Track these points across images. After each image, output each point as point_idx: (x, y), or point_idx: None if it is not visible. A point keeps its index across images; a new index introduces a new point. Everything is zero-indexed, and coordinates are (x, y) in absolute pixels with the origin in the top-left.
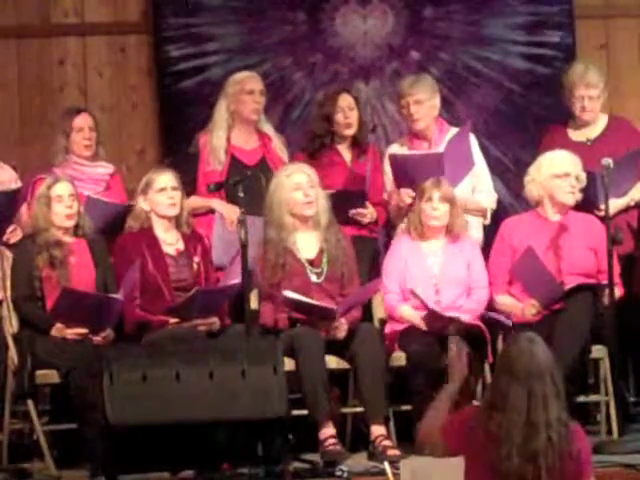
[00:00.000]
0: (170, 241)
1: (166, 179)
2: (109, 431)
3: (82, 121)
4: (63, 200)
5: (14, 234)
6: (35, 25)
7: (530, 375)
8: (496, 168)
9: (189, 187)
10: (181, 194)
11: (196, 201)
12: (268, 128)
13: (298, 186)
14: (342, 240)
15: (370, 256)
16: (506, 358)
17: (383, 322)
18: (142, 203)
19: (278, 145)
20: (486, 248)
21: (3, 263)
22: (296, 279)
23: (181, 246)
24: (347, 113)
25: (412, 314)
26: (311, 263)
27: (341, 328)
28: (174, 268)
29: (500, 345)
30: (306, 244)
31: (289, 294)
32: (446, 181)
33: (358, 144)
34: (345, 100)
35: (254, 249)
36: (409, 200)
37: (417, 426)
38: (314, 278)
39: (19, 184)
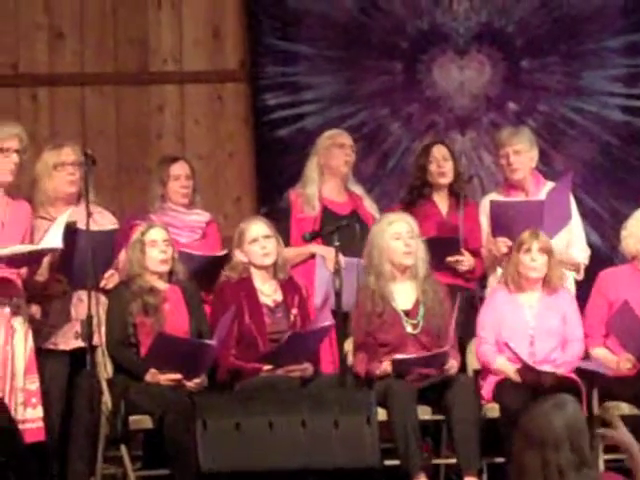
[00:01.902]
0: (268, 292)
1: (257, 229)
2: (201, 478)
3: (179, 169)
4: (157, 245)
5: (112, 279)
6: (134, 73)
7: (544, 443)
8: (592, 220)
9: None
10: (275, 241)
11: (293, 250)
12: (357, 189)
13: (398, 235)
14: (439, 292)
15: (466, 306)
16: (523, 423)
17: (477, 373)
18: (239, 255)
19: (369, 203)
20: (579, 302)
21: (98, 309)
22: (392, 329)
23: (279, 297)
24: (441, 163)
25: (507, 366)
26: (407, 314)
27: (453, 368)
28: (271, 319)
29: (596, 397)
30: (403, 294)
31: (400, 357)
32: (543, 233)
33: (455, 195)
34: (439, 151)
35: (350, 288)
36: (505, 250)
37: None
38: (410, 329)
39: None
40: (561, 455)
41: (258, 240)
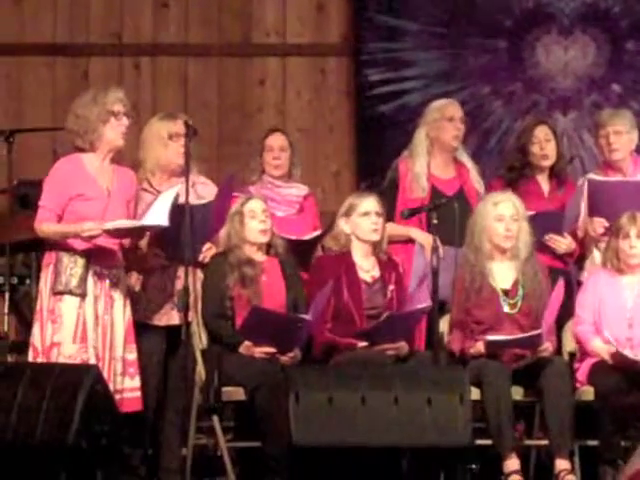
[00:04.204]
0: (366, 267)
1: (371, 204)
2: (293, 451)
3: (273, 140)
4: (256, 216)
5: (209, 252)
6: (237, 44)
7: None
8: None
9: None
10: (383, 220)
11: (395, 229)
12: (466, 158)
13: (502, 217)
14: (539, 273)
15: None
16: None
17: (572, 355)
18: (343, 225)
19: (475, 177)
20: None
21: (195, 283)
22: (488, 307)
23: (377, 273)
24: (543, 144)
25: (603, 348)
26: (506, 293)
27: (547, 350)
28: (368, 295)
29: None
30: (502, 273)
31: (492, 338)
32: None
33: (557, 175)
34: (542, 131)
35: (446, 277)
36: (601, 230)
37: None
38: (507, 308)
39: None
40: None
41: (370, 214)
